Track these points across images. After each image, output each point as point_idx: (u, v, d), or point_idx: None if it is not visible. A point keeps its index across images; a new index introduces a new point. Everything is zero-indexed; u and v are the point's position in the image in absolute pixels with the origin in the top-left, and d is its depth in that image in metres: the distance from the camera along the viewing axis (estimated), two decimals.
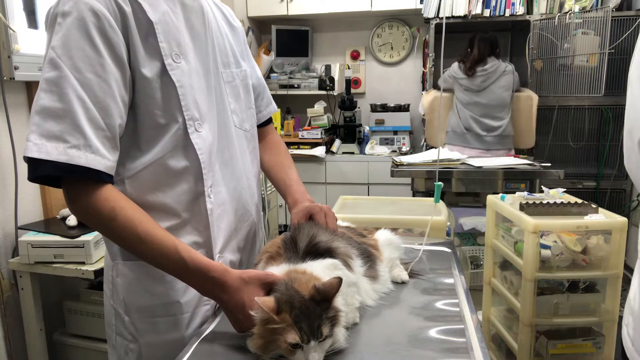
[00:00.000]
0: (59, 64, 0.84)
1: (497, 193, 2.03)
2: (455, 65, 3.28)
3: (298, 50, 4.30)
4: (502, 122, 3.19)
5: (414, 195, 3.09)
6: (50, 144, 0.83)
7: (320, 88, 4.07)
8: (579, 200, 1.84)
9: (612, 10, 3.00)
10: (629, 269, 1.46)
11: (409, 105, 4.04)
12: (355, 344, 0.88)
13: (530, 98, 3.30)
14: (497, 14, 3.41)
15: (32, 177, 0.87)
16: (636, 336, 0.82)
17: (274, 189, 3.07)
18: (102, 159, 0.87)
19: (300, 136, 3.99)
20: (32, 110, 0.86)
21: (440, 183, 1.35)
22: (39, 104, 0.84)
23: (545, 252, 1.73)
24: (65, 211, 2.04)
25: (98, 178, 0.87)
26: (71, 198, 0.88)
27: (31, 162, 0.84)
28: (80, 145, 0.84)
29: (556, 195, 1.93)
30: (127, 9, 0.91)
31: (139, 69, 0.93)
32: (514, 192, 1.97)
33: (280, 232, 3.19)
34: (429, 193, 2.94)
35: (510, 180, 2.76)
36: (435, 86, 3.59)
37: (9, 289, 1.91)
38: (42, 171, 0.84)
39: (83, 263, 1.82)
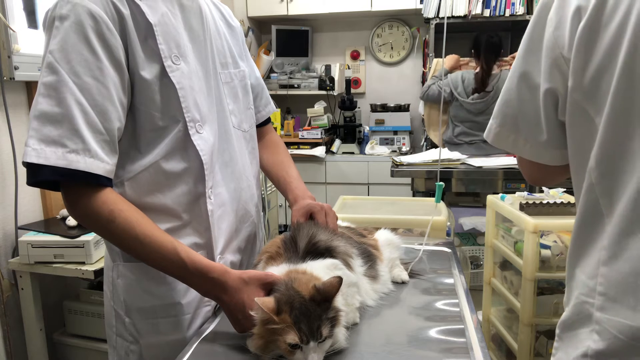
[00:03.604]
0: (57, 68, 0.84)
1: (497, 193, 2.02)
2: (457, 78, 3.16)
3: (298, 50, 4.30)
4: None
5: (414, 195, 3.09)
6: (49, 149, 0.83)
7: (320, 88, 4.07)
8: None
9: None
10: None
11: (409, 105, 4.04)
12: (355, 344, 0.88)
13: None
14: (497, 14, 3.41)
15: (32, 182, 0.87)
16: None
17: (274, 189, 3.07)
18: (101, 163, 0.87)
19: (300, 136, 3.99)
20: (30, 115, 0.85)
21: (441, 183, 1.35)
22: (37, 108, 0.84)
23: (545, 252, 1.73)
24: (65, 211, 2.04)
25: (97, 182, 0.87)
26: (70, 202, 0.89)
27: (30, 167, 0.84)
28: (79, 149, 0.84)
29: (556, 195, 1.93)
30: (126, 11, 0.91)
31: (137, 71, 0.92)
32: (514, 192, 1.97)
33: (280, 232, 3.19)
34: (429, 193, 2.94)
35: (510, 180, 2.75)
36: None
37: (9, 289, 1.91)
38: (41, 176, 0.84)
39: (83, 263, 1.82)
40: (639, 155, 0.64)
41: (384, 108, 4.04)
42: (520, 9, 3.37)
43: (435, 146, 3.52)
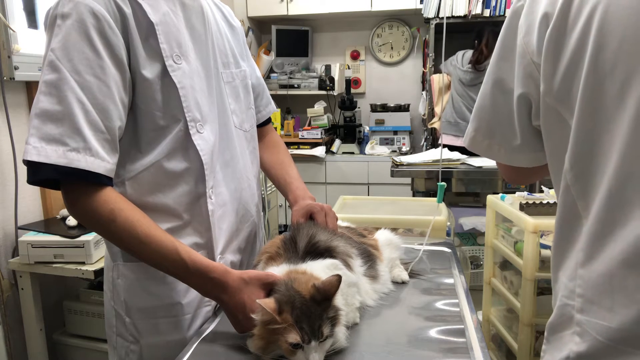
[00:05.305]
0: (58, 66, 0.84)
1: (497, 193, 2.02)
2: (459, 55, 3.31)
3: (298, 50, 4.30)
4: None
5: (414, 195, 3.08)
6: (50, 147, 0.82)
7: (320, 88, 4.07)
8: None
9: None
10: None
11: (409, 105, 4.04)
12: (355, 344, 0.88)
13: None
14: (497, 14, 3.41)
15: (32, 181, 0.86)
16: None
17: (274, 189, 3.07)
18: (102, 161, 0.87)
19: (300, 136, 3.98)
20: (31, 113, 0.85)
21: (443, 183, 1.35)
22: (38, 106, 0.84)
23: (545, 252, 1.73)
24: (65, 211, 2.04)
25: (98, 181, 0.87)
26: (70, 201, 0.88)
27: (31, 165, 0.84)
28: (80, 148, 0.84)
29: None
30: (127, 10, 0.91)
31: (139, 70, 0.92)
32: (514, 192, 1.97)
33: (280, 232, 3.19)
34: (429, 193, 2.94)
35: None
36: (437, 71, 3.60)
37: (9, 289, 1.91)
38: (41, 174, 0.84)
39: (83, 263, 1.82)
40: (609, 155, 0.63)
41: (384, 108, 4.04)
42: None
43: (435, 145, 3.52)
